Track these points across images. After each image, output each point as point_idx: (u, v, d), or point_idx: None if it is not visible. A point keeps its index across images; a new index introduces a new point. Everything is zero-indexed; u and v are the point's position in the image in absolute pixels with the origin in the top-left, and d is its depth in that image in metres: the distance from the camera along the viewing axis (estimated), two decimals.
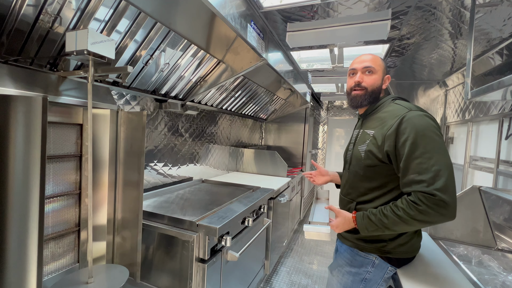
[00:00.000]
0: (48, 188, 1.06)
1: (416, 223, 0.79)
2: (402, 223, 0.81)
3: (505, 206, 1.39)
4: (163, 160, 1.82)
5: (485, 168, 2.13)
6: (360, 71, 1.01)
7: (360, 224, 0.91)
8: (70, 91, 1.07)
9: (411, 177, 0.81)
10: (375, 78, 0.99)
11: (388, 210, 0.84)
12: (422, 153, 0.80)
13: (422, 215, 0.77)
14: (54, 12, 0.89)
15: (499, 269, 1.10)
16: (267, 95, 2.81)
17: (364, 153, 0.95)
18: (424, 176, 0.78)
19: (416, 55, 2.16)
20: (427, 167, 0.78)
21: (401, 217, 0.80)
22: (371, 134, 0.95)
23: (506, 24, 1.48)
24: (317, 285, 2.22)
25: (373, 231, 0.88)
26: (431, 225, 0.80)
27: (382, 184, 0.93)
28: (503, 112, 1.86)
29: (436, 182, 0.76)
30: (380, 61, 1.01)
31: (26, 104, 0.78)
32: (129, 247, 1.15)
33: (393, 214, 0.82)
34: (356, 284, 0.99)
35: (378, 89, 1.00)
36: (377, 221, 0.86)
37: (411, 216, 0.78)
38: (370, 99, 1.01)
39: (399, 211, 0.81)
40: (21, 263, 0.78)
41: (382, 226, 0.85)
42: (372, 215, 0.88)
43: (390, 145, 0.87)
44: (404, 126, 0.84)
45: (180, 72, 1.56)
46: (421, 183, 0.78)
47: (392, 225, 0.83)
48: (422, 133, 0.82)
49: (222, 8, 1.12)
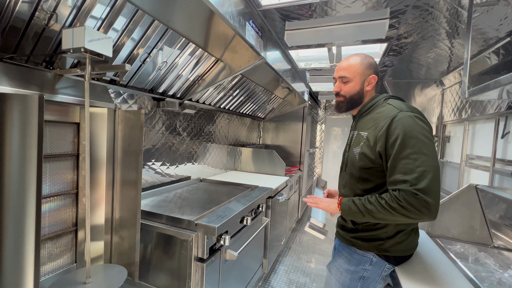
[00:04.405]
0: (45, 188, 1.05)
1: (398, 216, 0.82)
2: (383, 212, 0.84)
3: (501, 204, 1.41)
4: (161, 159, 1.81)
5: (481, 167, 2.15)
6: (338, 80, 1.06)
7: (343, 205, 0.96)
8: (66, 90, 1.06)
9: (397, 177, 0.83)
10: (350, 86, 1.03)
11: (373, 198, 0.89)
12: (409, 154, 0.82)
13: (403, 210, 0.80)
14: (50, 9, 0.88)
15: (495, 266, 1.11)
16: (265, 94, 2.80)
17: (358, 155, 0.97)
18: (409, 176, 0.80)
19: (414, 54, 2.17)
20: (412, 168, 0.80)
21: (384, 207, 0.84)
22: (364, 136, 0.97)
23: (503, 23, 1.50)
24: (315, 283, 2.23)
25: (355, 214, 0.92)
26: (412, 221, 0.84)
27: (377, 185, 0.94)
28: (499, 111, 1.88)
29: (419, 183, 0.78)
30: (356, 67, 1.02)
31: (22, 102, 0.77)
32: (127, 247, 1.14)
33: (376, 203, 0.86)
34: (354, 282, 1.00)
35: (357, 94, 1.03)
36: (360, 205, 0.90)
37: (392, 208, 0.82)
38: (350, 105, 1.06)
39: (382, 200, 0.85)
40: (18, 263, 0.77)
41: (364, 211, 0.89)
42: (357, 199, 0.93)
43: (381, 145, 0.89)
44: (394, 126, 0.86)
45: (178, 71, 1.55)
46: (405, 183, 0.80)
47: (373, 213, 0.87)
48: (410, 134, 0.83)
49: (220, 6, 1.11)
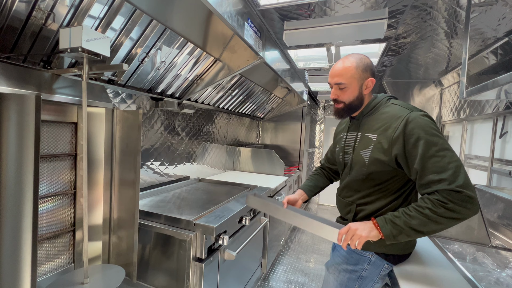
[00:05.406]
0: (42, 188, 1.04)
1: (445, 221, 0.76)
2: (431, 222, 0.77)
3: (499, 203, 1.41)
4: (160, 159, 1.81)
5: (480, 167, 2.16)
6: (333, 86, 1.00)
7: (384, 230, 0.82)
8: (64, 89, 1.05)
9: (430, 178, 0.79)
10: (349, 93, 0.97)
11: (413, 211, 0.80)
12: (436, 152, 0.79)
13: (450, 212, 0.75)
14: (47, 9, 0.88)
15: (493, 266, 1.11)
16: (264, 94, 2.80)
17: (369, 159, 0.92)
18: (444, 174, 0.77)
19: (412, 54, 2.18)
20: (444, 165, 0.77)
21: (429, 216, 0.77)
22: (373, 138, 0.93)
23: (501, 23, 1.50)
24: (314, 283, 2.23)
25: (398, 236, 0.81)
26: (460, 222, 0.77)
27: (384, 186, 0.93)
28: (497, 111, 1.88)
29: (457, 179, 0.75)
30: (352, 71, 0.95)
31: (19, 102, 0.76)
32: (125, 247, 1.14)
33: (419, 214, 0.78)
34: (353, 282, 1.00)
35: (357, 99, 0.98)
36: (402, 224, 0.79)
37: (439, 214, 0.76)
38: (351, 111, 1.01)
39: (424, 210, 0.77)
40: (15, 264, 0.77)
41: (408, 227, 0.79)
42: (396, 218, 0.81)
43: (399, 148, 0.85)
44: (411, 127, 0.83)
45: (177, 71, 1.55)
46: (442, 181, 0.76)
47: (419, 226, 0.78)
48: (430, 133, 0.81)
49: (219, 6, 1.11)
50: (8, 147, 0.76)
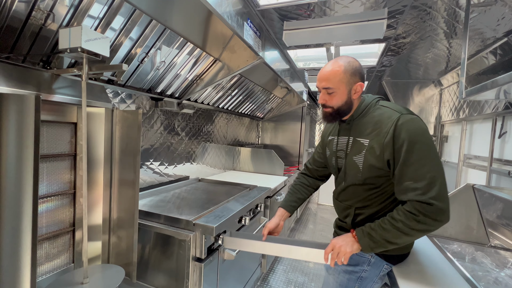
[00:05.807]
0: (42, 188, 1.04)
1: (416, 233, 0.79)
2: (403, 235, 0.80)
3: (498, 203, 1.41)
4: (159, 159, 1.81)
5: (479, 166, 2.16)
6: (321, 90, 0.96)
7: (362, 242, 0.87)
8: (63, 89, 1.05)
9: (406, 184, 0.81)
10: (337, 98, 0.94)
11: (387, 223, 0.82)
12: (417, 160, 0.79)
13: (421, 225, 0.77)
14: (47, 9, 0.88)
15: (492, 266, 1.12)
16: (264, 94, 2.80)
17: (363, 166, 0.92)
18: (420, 183, 0.78)
19: (412, 54, 2.18)
20: (422, 174, 0.78)
21: (401, 229, 0.79)
22: (365, 144, 0.91)
23: (500, 24, 1.50)
24: (313, 283, 2.23)
25: (375, 248, 0.85)
26: (429, 233, 0.79)
27: (381, 189, 0.93)
28: (497, 111, 1.88)
29: (431, 190, 0.76)
30: (340, 75, 0.91)
31: (19, 102, 0.76)
32: (125, 247, 1.14)
33: (393, 227, 0.81)
34: (352, 283, 1.00)
35: (346, 104, 0.95)
36: (379, 237, 0.83)
37: (410, 227, 0.78)
38: (339, 116, 0.98)
39: (397, 223, 0.80)
40: (15, 264, 0.77)
41: (383, 240, 0.83)
42: (372, 231, 0.85)
43: (390, 153, 0.85)
44: (398, 131, 0.83)
45: (176, 70, 1.55)
46: (416, 190, 0.78)
47: (393, 238, 0.81)
48: (416, 139, 0.81)
49: (218, 6, 1.11)
50: (7, 147, 0.76)
